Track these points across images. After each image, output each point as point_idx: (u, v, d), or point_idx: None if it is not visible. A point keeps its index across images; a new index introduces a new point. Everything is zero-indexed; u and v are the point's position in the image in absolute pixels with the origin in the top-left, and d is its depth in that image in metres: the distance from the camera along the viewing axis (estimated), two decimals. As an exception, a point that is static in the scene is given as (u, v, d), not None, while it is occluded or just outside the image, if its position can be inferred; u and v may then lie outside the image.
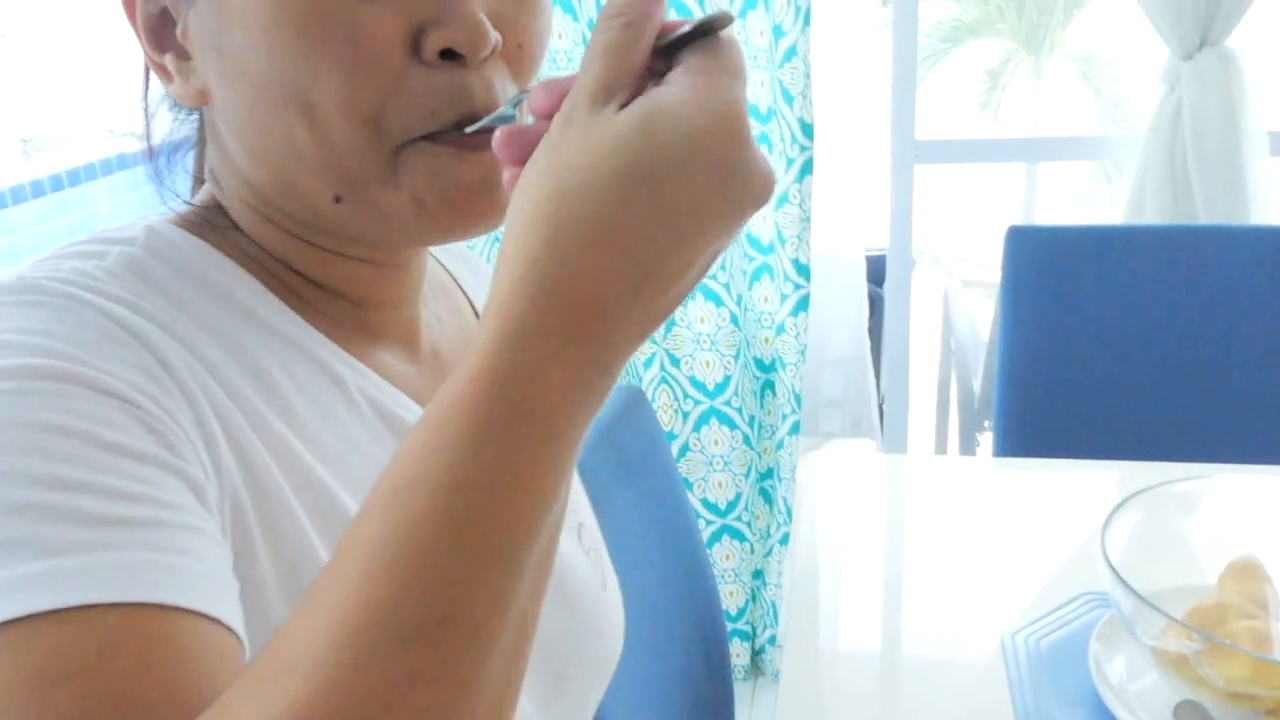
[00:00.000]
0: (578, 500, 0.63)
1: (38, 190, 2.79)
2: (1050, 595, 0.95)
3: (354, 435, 0.49)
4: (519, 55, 0.48)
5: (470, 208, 0.47)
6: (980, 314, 2.79)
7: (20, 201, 2.76)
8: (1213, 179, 1.69)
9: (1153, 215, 1.78)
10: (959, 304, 2.48)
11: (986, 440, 2.12)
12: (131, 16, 0.49)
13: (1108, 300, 1.50)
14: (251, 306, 0.49)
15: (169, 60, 0.49)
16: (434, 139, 0.46)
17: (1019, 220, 8.48)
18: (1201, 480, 0.94)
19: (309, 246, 0.51)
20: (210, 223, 0.52)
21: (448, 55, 0.45)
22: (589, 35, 1.70)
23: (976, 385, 2.14)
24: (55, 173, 2.84)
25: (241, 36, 0.45)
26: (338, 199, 0.47)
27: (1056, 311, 1.50)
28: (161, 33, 0.49)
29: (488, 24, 0.45)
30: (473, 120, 0.46)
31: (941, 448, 2.28)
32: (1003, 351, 1.50)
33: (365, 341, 0.54)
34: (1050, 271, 1.51)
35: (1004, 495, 1.24)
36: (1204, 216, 1.72)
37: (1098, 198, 8.27)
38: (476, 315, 0.64)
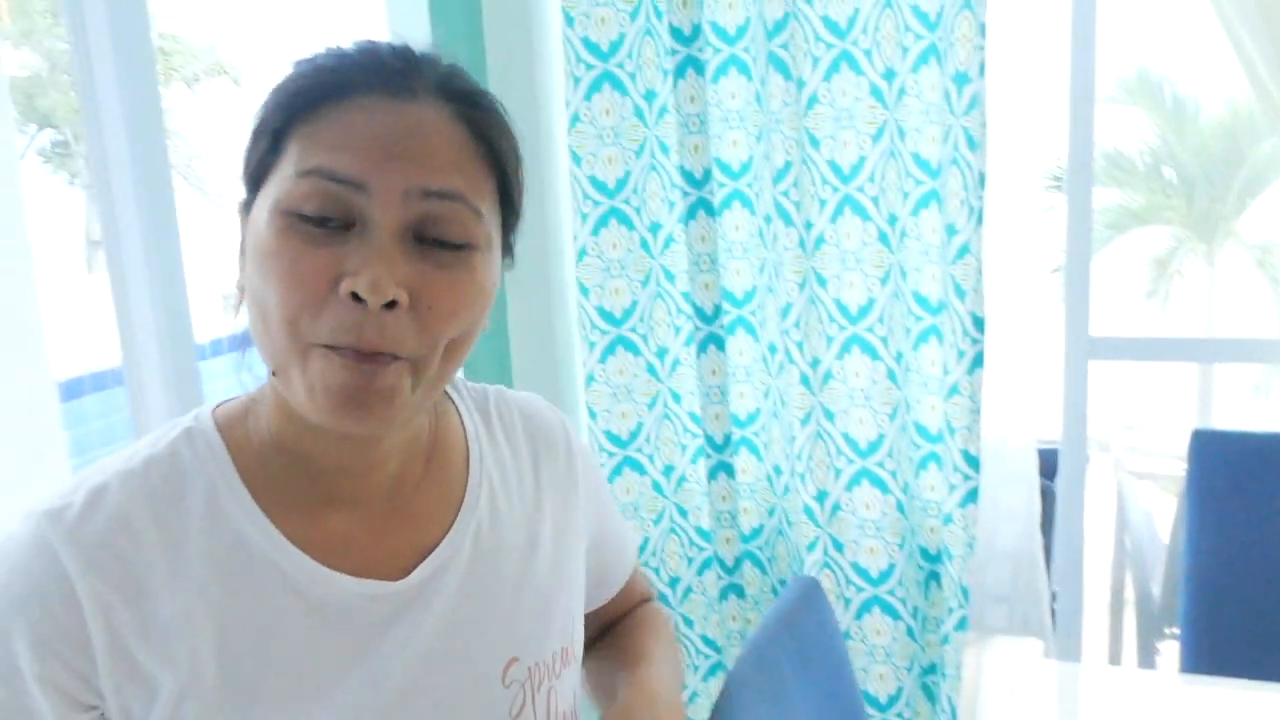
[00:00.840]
0: (527, 655, 0.76)
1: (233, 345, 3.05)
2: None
3: (243, 599, 0.68)
4: (428, 315, 0.64)
5: (350, 404, 0.63)
6: (1156, 510, 2.68)
7: (218, 354, 3.02)
8: None
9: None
10: (1134, 500, 2.39)
11: (1166, 649, 2.00)
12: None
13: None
14: (225, 506, 0.68)
15: (240, 264, 0.68)
16: (333, 349, 0.62)
17: (1193, 412, 8.11)
18: None
19: (317, 433, 0.69)
20: (240, 415, 0.73)
21: (356, 298, 0.62)
22: (639, 106, 1.79)
23: (1156, 589, 2.04)
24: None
25: (252, 254, 0.65)
26: (273, 373, 0.66)
27: (1246, 520, 1.44)
28: (242, 241, 0.68)
29: (388, 283, 0.61)
30: (362, 348, 0.63)
31: (1116, 654, 2.16)
32: (1189, 561, 1.44)
33: (324, 509, 0.71)
34: (1239, 479, 1.46)
35: (1189, 717, 1.17)
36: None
37: (1276, 389, 7.86)
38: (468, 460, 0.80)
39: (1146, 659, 2.03)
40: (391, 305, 0.62)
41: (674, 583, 1.99)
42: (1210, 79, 8.05)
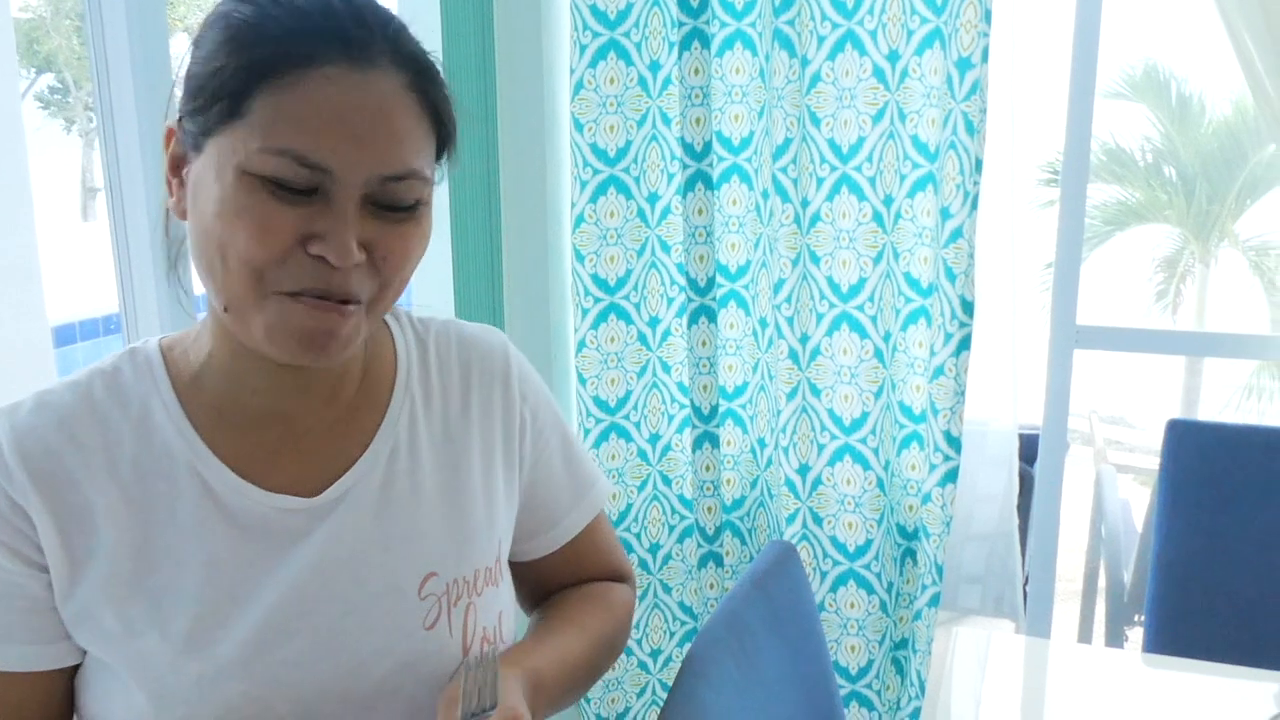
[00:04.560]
0: (446, 570, 0.80)
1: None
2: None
3: (162, 501, 0.74)
4: (383, 264, 0.71)
5: (311, 345, 0.70)
6: (1134, 502, 2.72)
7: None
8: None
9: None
10: (1112, 490, 2.43)
11: (1135, 635, 2.04)
12: (166, 147, 0.73)
13: (1272, 503, 1.47)
14: (156, 418, 0.75)
15: (175, 184, 0.73)
16: (294, 296, 0.69)
17: (1179, 411, 8.17)
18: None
19: (255, 356, 0.74)
20: (184, 341, 0.78)
21: (323, 260, 0.68)
22: (643, 76, 1.81)
23: (1127, 576, 2.08)
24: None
25: (206, 197, 0.69)
26: (225, 309, 0.71)
27: (1216, 510, 1.48)
28: (177, 164, 0.73)
29: (354, 249, 0.68)
30: (328, 298, 0.69)
31: (1086, 637, 2.20)
32: (1158, 545, 1.47)
33: (253, 428, 0.77)
34: (1211, 468, 1.49)
35: (1152, 695, 1.21)
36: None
37: (1268, 392, 7.91)
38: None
39: (1115, 643, 2.07)
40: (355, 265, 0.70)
41: (654, 549, 2.02)
42: (1216, 79, 8.04)
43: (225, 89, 0.68)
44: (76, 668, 0.76)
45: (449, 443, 0.83)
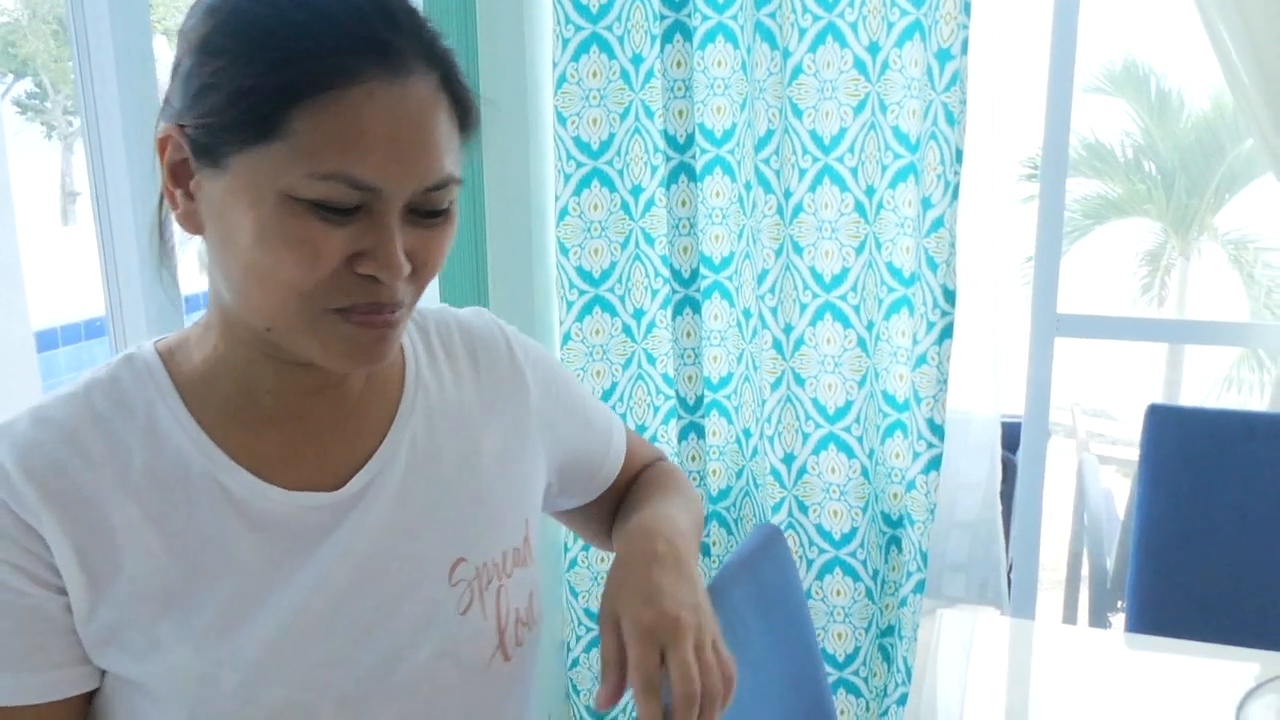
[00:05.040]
0: (474, 557, 0.80)
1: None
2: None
3: (182, 511, 0.72)
4: (423, 270, 0.71)
5: (365, 356, 0.70)
6: (1117, 493, 2.74)
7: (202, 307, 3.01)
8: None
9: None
10: (1094, 478, 2.45)
11: (1118, 621, 2.06)
12: (161, 153, 0.69)
13: (1250, 487, 1.49)
14: (164, 424, 0.72)
15: (180, 195, 0.69)
16: (344, 313, 0.68)
17: (1161, 400, 8.21)
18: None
19: (268, 358, 0.74)
20: (184, 344, 0.76)
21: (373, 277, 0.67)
22: (625, 69, 1.82)
23: (1110, 563, 2.10)
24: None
25: (239, 221, 0.66)
26: (268, 329, 0.70)
27: (1195, 493, 1.50)
28: (180, 173, 0.69)
29: (404, 264, 0.67)
30: (379, 311, 0.69)
31: (1070, 621, 2.22)
32: (1139, 528, 1.49)
33: (265, 427, 0.75)
34: (1191, 453, 1.51)
35: (1135, 673, 1.22)
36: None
37: (1247, 384, 7.97)
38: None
39: (1098, 626, 2.09)
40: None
41: (642, 541, 2.03)
42: (1195, 74, 8.10)
43: (256, 110, 0.64)
44: (91, 696, 0.73)
45: (465, 428, 0.83)
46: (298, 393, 0.76)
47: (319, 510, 0.74)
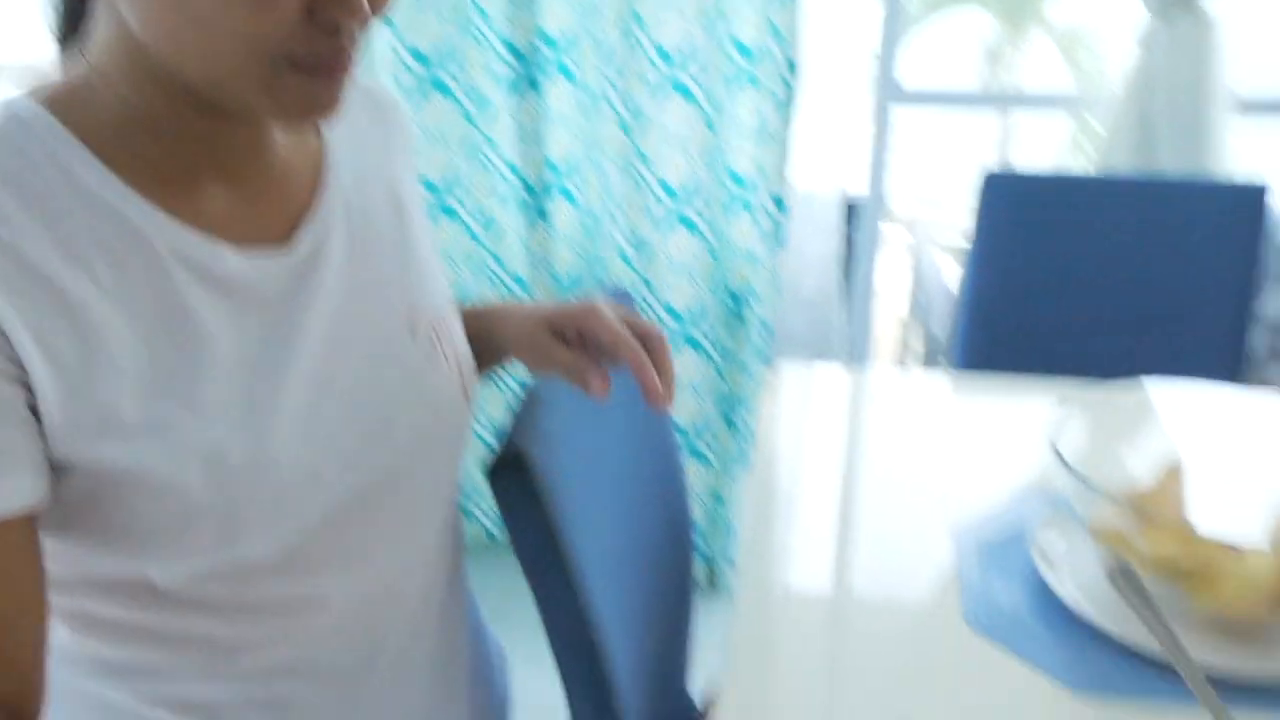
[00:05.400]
0: (423, 308, 0.80)
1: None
2: (1003, 497, 1.02)
3: (142, 282, 0.65)
4: (376, 5, 0.63)
5: (320, 111, 0.64)
6: (949, 272, 2.86)
7: None
8: (1180, 137, 1.76)
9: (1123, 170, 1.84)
10: (928, 256, 2.55)
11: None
12: None
13: (1074, 244, 1.57)
14: (85, 182, 0.63)
15: None
16: (300, 68, 0.61)
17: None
18: (1138, 391, 1.01)
19: (195, 109, 0.66)
20: (76, 96, 0.65)
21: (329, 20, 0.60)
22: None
23: (942, 333, 2.21)
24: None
25: None
26: (209, 82, 0.62)
27: (1024, 254, 1.57)
28: None
29: (366, 6, 0.61)
30: (336, 64, 0.63)
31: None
32: (970, 285, 1.56)
33: (195, 182, 0.68)
34: (1022, 216, 1.57)
35: (963, 408, 1.27)
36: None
37: (1070, 160, 8.35)
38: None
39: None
40: None
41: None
42: None
43: None
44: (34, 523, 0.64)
45: (385, 181, 0.81)
46: (227, 149, 0.69)
47: (278, 276, 0.70)
